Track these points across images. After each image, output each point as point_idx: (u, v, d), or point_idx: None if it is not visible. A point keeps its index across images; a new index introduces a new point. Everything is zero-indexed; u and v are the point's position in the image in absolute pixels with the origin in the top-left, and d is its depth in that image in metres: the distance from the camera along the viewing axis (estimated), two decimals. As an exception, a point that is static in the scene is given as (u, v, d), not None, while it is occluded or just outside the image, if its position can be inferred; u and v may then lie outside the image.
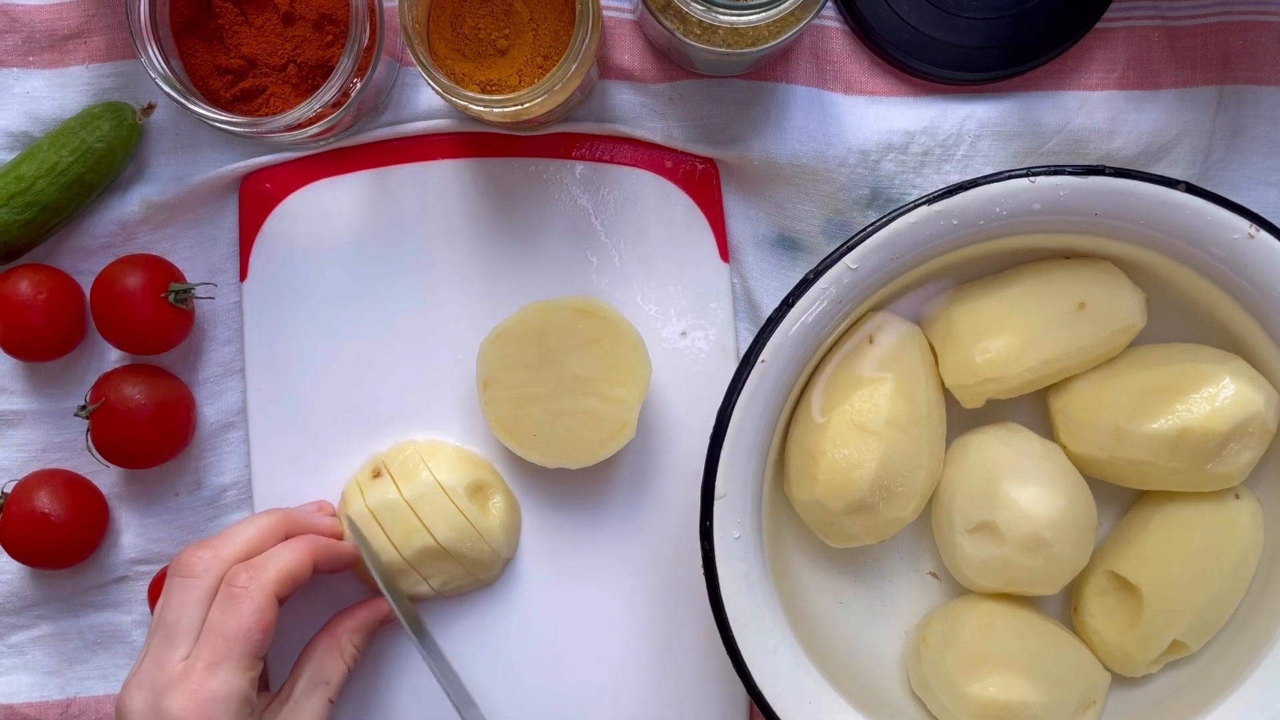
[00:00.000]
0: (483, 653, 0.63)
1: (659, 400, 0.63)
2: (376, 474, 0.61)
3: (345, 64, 0.56)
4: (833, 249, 0.55)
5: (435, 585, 0.61)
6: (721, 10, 0.52)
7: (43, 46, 0.63)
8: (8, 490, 0.62)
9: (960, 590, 0.61)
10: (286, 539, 0.58)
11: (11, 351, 0.62)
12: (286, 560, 0.56)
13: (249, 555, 0.56)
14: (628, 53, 0.62)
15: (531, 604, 0.63)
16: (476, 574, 0.61)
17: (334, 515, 0.62)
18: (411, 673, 0.63)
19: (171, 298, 0.60)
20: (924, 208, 0.54)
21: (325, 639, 0.59)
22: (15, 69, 0.63)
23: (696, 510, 0.55)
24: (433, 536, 0.59)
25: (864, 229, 0.54)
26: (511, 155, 0.63)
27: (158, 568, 0.64)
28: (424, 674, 0.62)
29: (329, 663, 0.58)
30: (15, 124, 0.63)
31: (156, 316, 0.60)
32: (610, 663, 0.63)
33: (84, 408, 0.60)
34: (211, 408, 0.64)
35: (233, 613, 0.53)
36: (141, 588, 0.64)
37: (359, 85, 0.58)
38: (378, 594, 0.61)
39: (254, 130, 0.57)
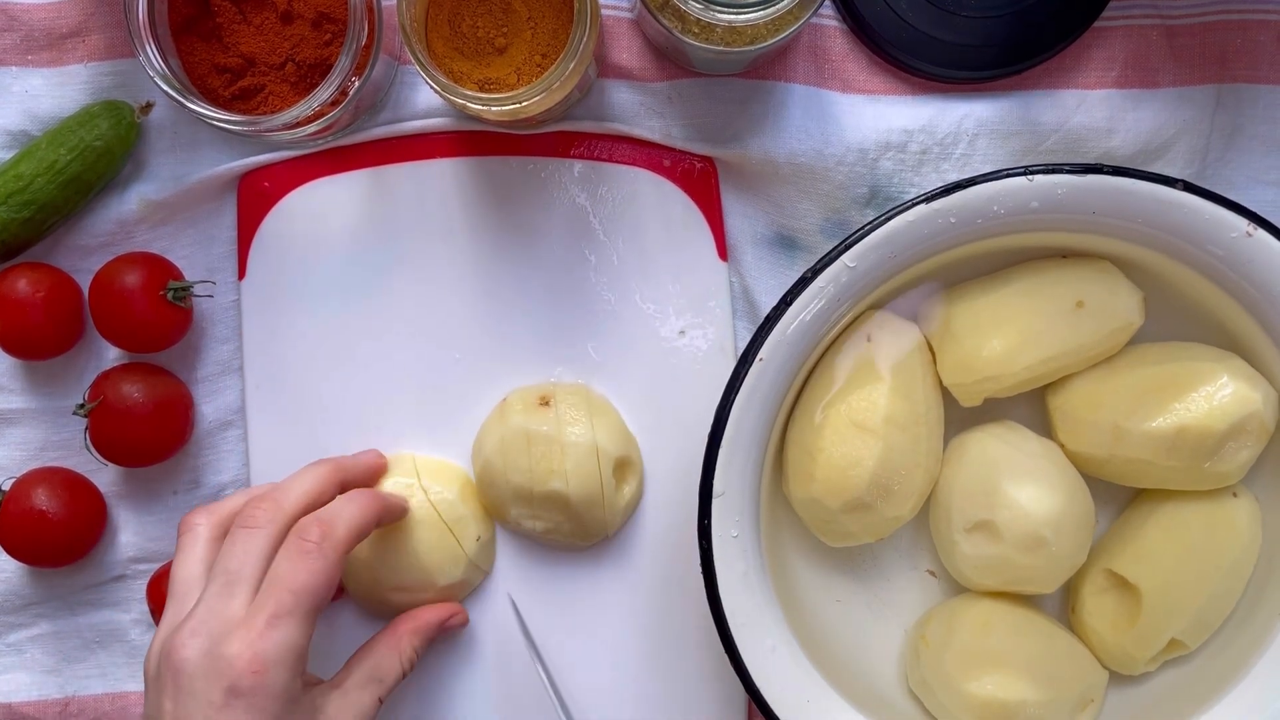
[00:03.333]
0: (482, 652, 0.63)
1: (657, 399, 0.63)
2: (545, 402, 0.61)
3: (343, 62, 0.56)
4: (831, 247, 0.55)
5: (539, 528, 0.61)
6: (719, 9, 0.52)
7: (41, 45, 0.63)
8: (6, 488, 0.62)
9: (958, 589, 0.61)
10: (343, 488, 0.58)
11: (10, 350, 0.62)
12: (355, 516, 0.55)
13: (310, 507, 0.55)
14: (626, 51, 0.62)
15: (531, 603, 0.63)
16: (577, 537, 0.61)
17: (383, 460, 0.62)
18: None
19: (170, 296, 0.61)
20: (922, 206, 0.54)
21: (386, 638, 0.58)
22: (14, 67, 0.63)
23: (694, 509, 0.55)
24: (567, 486, 0.59)
25: (862, 227, 0.54)
26: (510, 154, 0.63)
27: (156, 566, 0.64)
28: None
29: (386, 662, 0.57)
30: (14, 122, 0.63)
31: (155, 315, 0.60)
32: (609, 662, 0.63)
33: (82, 406, 0.60)
34: (210, 406, 0.64)
35: (303, 567, 0.52)
36: (140, 586, 0.64)
37: (357, 84, 0.58)
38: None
39: (252, 129, 0.57)
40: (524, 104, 0.54)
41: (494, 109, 0.55)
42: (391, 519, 0.59)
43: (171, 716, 0.50)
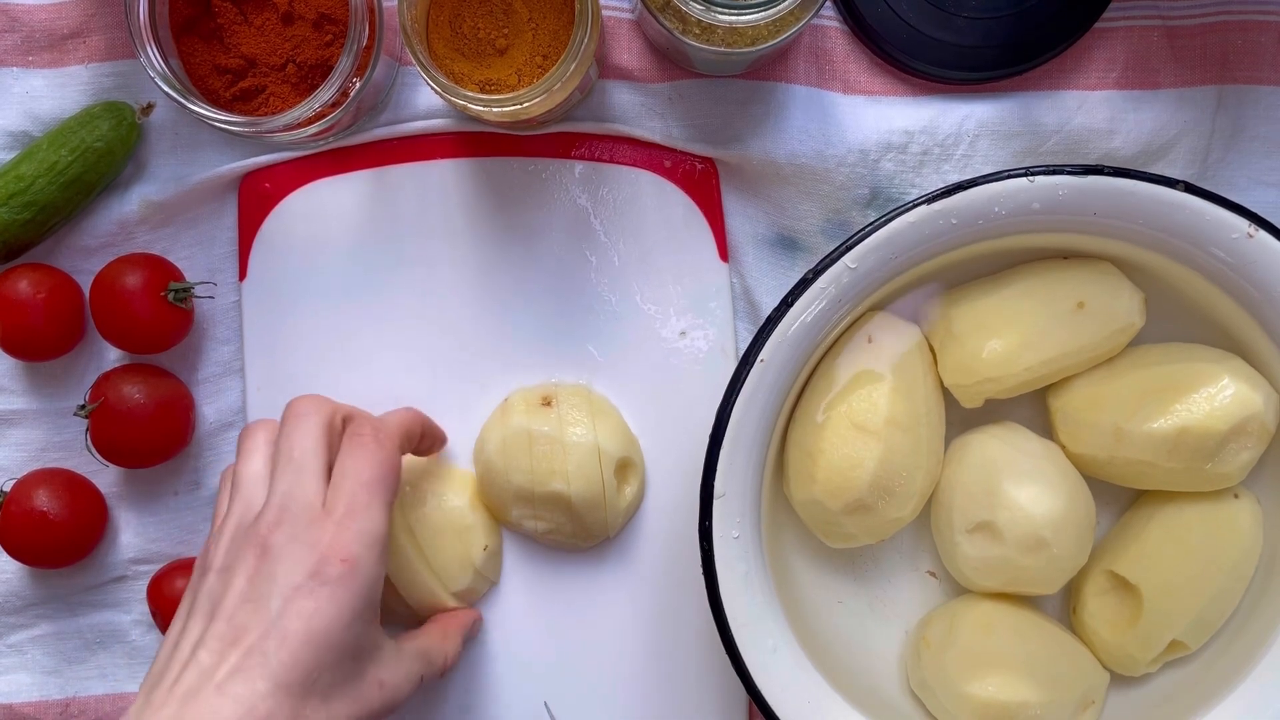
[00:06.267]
0: (483, 651, 0.63)
1: (658, 401, 0.63)
2: (547, 402, 0.61)
3: (344, 63, 0.56)
4: (832, 248, 0.55)
5: (540, 529, 0.61)
6: (720, 10, 0.52)
7: (42, 46, 0.63)
8: (7, 489, 0.62)
9: (959, 590, 0.61)
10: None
11: (11, 351, 0.62)
12: (401, 416, 0.58)
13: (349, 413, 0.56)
14: (627, 52, 0.62)
15: (531, 603, 0.63)
16: (578, 538, 0.62)
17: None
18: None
19: (171, 297, 0.61)
20: (923, 207, 0.54)
21: (435, 629, 0.58)
22: (15, 68, 0.63)
23: (695, 510, 0.55)
24: (569, 487, 0.60)
25: (863, 228, 0.54)
26: (511, 155, 0.63)
27: (157, 567, 0.64)
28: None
29: (436, 648, 0.57)
30: (15, 123, 0.63)
31: (156, 316, 0.60)
32: (610, 662, 0.63)
33: (83, 407, 0.60)
34: (211, 407, 0.64)
35: (365, 459, 0.52)
36: (141, 587, 0.64)
37: (358, 85, 0.58)
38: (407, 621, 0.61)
39: (253, 130, 0.57)
40: (525, 105, 0.54)
41: (495, 110, 0.55)
42: (429, 444, 0.60)
43: (241, 595, 0.48)
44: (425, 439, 0.59)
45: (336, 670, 0.49)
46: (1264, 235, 0.54)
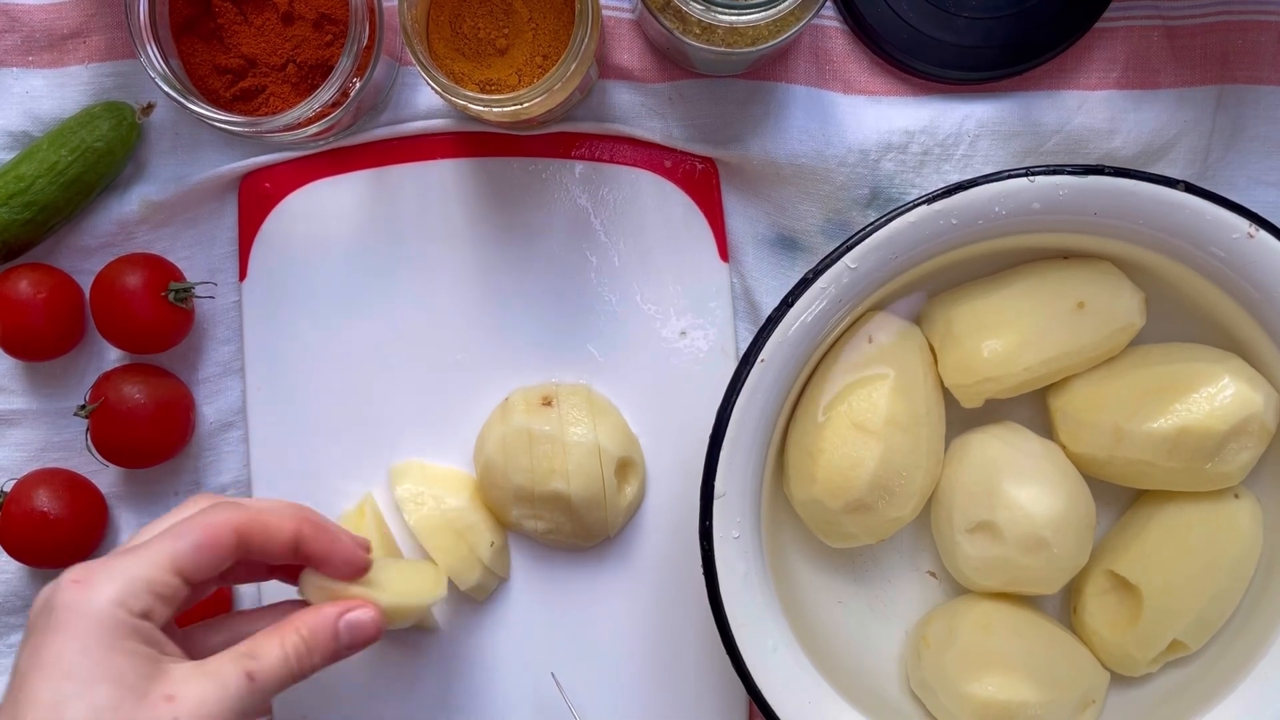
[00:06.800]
0: (482, 650, 0.63)
1: (659, 400, 0.63)
2: (547, 402, 0.61)
3: (344, 63, 0.56)
4: (832, 248, 0.55)
5: (540, 528, 0.61)
6: (721, 10, 0.52)
7: (42, 46, 0.63)
8: (7, 489, 0.62)
9: (959, 590, 0.61)
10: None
11: (11, 351, 0.62)
12: (273, 516, 0.50)
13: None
14: (627, 52, 0.62)
15: (531, 603, 0.63)
16: (578, 537, 0.61)
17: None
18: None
19: (171, 297, 0.61)
20: (923, 207, 0.54)
21: (272, 626, 0.50)
22: (15, 68, 0.63)
23: (696, 510, 0.55)
24: (568, 486, 0.59)
25: (863, 228, 0.54)
26: (511, 155, 0.63)
27: (157, 567, 0.64)
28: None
29: (264, 642, 0.48)
30: (15, 123, 0.63)
31: (156, 316, 0.60)
32: (610, 662, 0.63)
33: (83, 407, 0.60)
34: (211, 407, 0.64)
35: (173, 529, 0.48)
36: (141, 587, 0.64)
37: (358, 85, 0.58)
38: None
39: (253, 130, 0.57)
40: (525, 105, 0.54)
41: (495, 110, 0.55)
42: (325, 561, 0.51)
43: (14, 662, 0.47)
44: (310, 557, 0.51)
45: (87, 699, 0.44)
46: (1264, 235, 0.54)
